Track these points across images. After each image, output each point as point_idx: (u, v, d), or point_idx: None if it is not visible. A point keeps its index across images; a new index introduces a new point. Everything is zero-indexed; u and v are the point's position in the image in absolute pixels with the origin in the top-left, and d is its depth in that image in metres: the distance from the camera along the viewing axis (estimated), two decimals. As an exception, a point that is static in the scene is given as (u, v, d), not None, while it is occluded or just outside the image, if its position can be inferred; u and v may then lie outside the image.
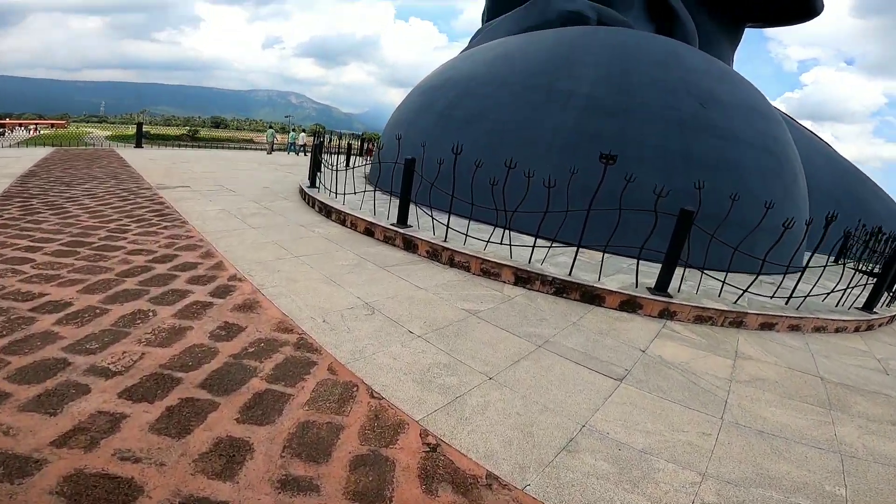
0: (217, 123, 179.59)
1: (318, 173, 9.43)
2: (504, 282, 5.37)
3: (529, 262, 5.51)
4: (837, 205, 11.69)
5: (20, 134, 66.47)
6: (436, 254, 5.74)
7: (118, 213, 6.74)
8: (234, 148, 37.62)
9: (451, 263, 5.62)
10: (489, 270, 5.43)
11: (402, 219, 6.37)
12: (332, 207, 7.28)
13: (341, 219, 7.08)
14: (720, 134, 8.19)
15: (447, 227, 5.88)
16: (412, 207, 6.69)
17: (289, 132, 31.03)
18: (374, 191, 7.20)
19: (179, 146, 30.56)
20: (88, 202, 7.36)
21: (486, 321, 4.25)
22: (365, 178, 11.23)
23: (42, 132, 69.75)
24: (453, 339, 3.80)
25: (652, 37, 10.86)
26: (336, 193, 7.91)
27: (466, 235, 5.93)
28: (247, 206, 7.92)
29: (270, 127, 31.12)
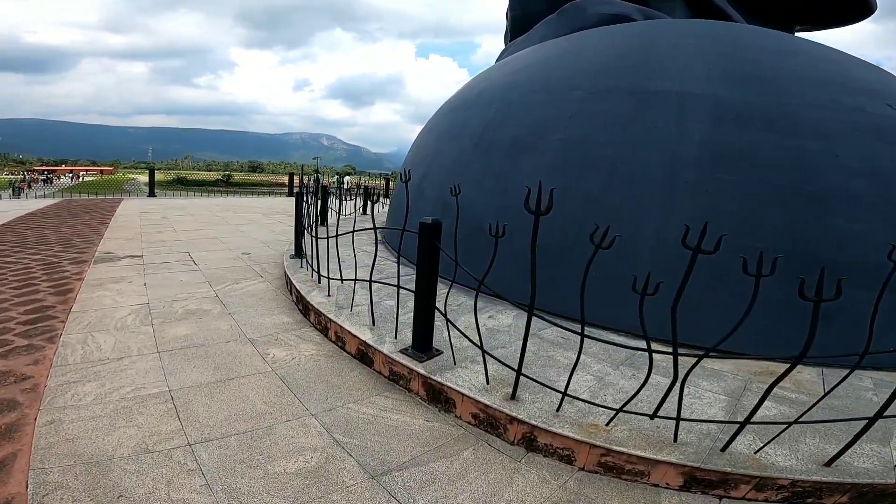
0: (254, 167, 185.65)
1: (320, 228, 6.70)
2: (659, 486, 2.32)
3: (724, 447, 2.41)
4: None
5: (64, 181, 69.01)
6: (494, 424, 2.71)
7: (-24, 319, 4.16)
8: (264, 193, 36.31)
9: (530, 446, 2.59)
10: (621, 467, 2.38)
11: (423, 341, 3.33)
12: (310, 304, 4.41)
13: (322, 325, 4.19)
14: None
15: (518, 372, 2.79)
16: (442, 297, 3.78)
17: (333, 176, 29.46)
18: (372, 270, 4.22)
19: (208, 193, 29.31)
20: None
21: None
22: (382, 237, 8.47)
23: (84, 179, 71.82)
24: None
25: (755, 28, 7.82)
26: (319, 274, 5.03)
27: (565, 395, 2.69)
28: (191, 294, 5.20)
29: (317, 171, 29.72)
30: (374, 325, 3.81)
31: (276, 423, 2.72)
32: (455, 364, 3.15)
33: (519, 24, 12.30)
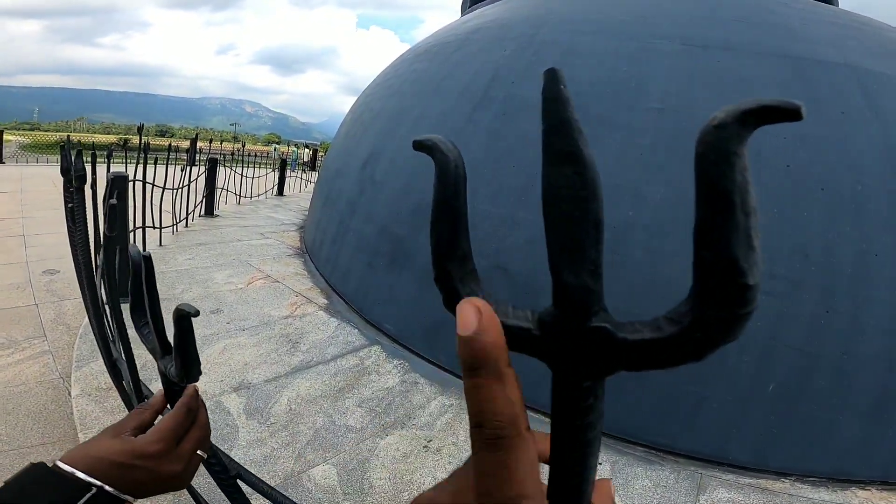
0: (163, 132, 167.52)
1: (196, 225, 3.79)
2: None
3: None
4: None
5: None
6: None
7: None
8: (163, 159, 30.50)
9: None
10: None
11: None
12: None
13: None
14: None
15: None
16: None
17: (290, 148, 23.66)
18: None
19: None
20: None
21: None
22: (301, 240, 5.56)
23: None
24: None
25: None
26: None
27: None
28: None
29: (276, 143, 24.34)
30: None
31: None
32: None
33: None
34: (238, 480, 0.84)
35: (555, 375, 0.23)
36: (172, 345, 0.48)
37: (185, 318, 0.44)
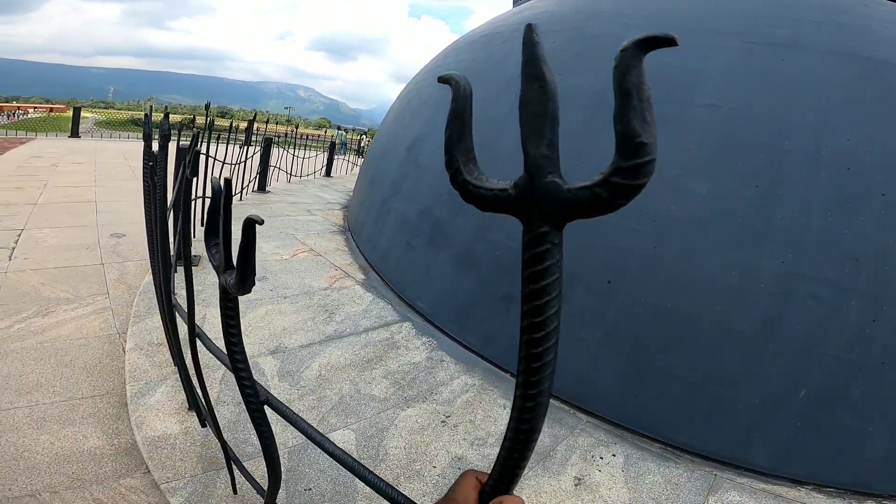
0: (223, 113, 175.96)
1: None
2: None
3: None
4: None
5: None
6: None
7: None
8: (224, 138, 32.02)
9: None
10: None
11: None
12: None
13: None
14: None
15: None
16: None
17: (339, 131, 23.37)
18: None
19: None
20: None
21: None
22: (344, 218, 5.75)
23: (26, 116, 63.25)
24: None
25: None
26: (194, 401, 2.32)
27: None
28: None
29: (339, 128, 24.68)
30: None
31: None
32: None
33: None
34: (266, 407, 0.94)
35: (524, 229, 0.34)
36: (235, 258, 0.58)
37: (251, 226, 0.55)
